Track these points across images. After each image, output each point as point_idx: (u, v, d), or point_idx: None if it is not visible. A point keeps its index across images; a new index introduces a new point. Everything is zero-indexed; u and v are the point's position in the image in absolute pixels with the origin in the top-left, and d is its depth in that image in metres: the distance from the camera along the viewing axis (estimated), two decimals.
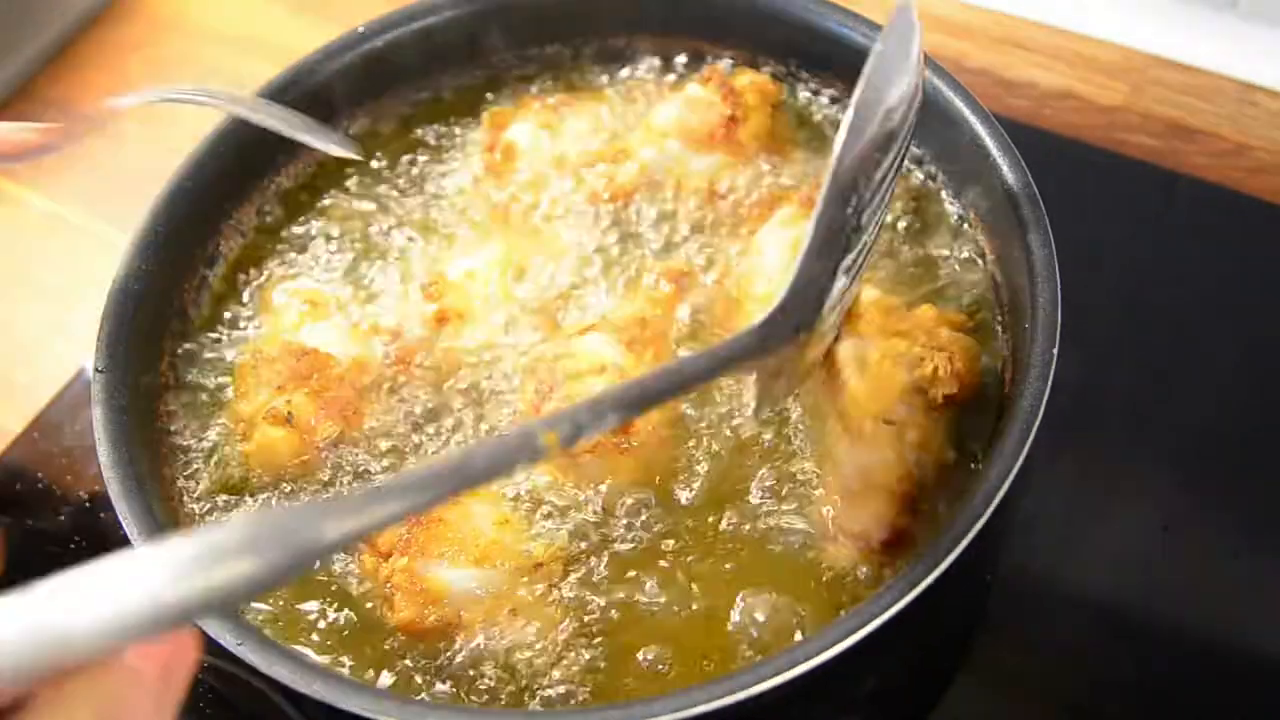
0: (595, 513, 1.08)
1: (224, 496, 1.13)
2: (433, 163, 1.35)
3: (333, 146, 1.21)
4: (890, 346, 1.08)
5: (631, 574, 1.05)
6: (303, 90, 1.29)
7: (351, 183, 1.34)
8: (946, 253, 1.21)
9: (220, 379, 1.21)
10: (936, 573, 0.91)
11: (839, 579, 1.02)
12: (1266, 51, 1.45)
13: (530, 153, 1.28)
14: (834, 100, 1.31)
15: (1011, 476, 0.95)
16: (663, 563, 1.05)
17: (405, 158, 1.35)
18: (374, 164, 1.35)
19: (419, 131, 1.37)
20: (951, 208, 1.23)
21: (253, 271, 1.28)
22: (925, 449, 1.06)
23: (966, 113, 1.15)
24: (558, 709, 1.00)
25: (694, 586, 1.04)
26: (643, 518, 1.07)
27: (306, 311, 1.20)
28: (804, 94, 1.33)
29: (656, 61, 1.37)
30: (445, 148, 1.35)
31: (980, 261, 1.19)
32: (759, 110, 1.26)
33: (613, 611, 1.04)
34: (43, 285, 1.50)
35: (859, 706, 1.09)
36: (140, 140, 1.59)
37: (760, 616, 1.01)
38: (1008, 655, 1.11)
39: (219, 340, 1.24)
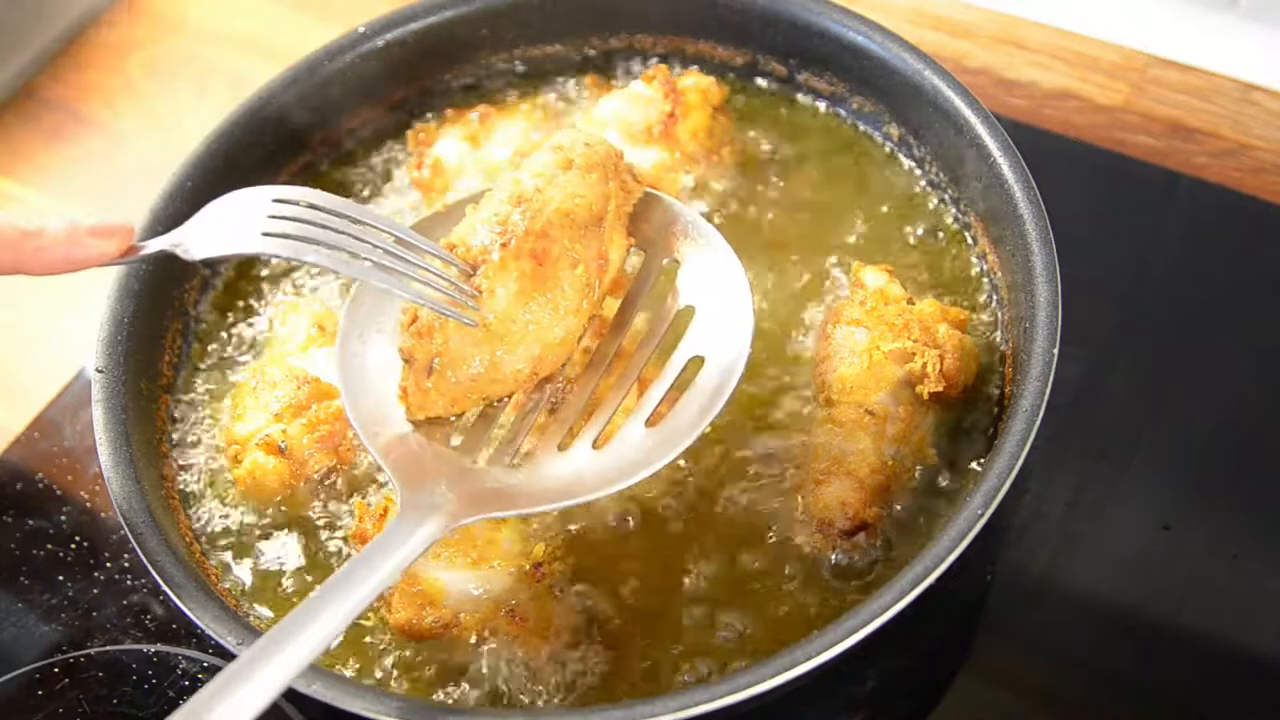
0: (595, 511, 1.08)
1: (220, 503, 1.14)
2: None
3: None
4: (883, 337, 1.08)
5: (632, 571, 1.06)
6: (303, 90, 1.29)
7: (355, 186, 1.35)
8: (947, 252, 1.21)
9: (220, 379, 1.22)
10: (937, 573, 0.91)
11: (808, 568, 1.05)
12: (1266, 51, 1.45)
13: (458, 166, 1.29)
14: (832, 100, 1.31)
15: (1012, 476, 0.95)
16: (661, 557, 1.06)
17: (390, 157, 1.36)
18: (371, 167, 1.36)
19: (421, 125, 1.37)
20: (952, 208, 1.23)
21: (255, 272, 1.28)
22: (905, 443, 1.07)
23: (967, 113, 1.16)
24: (558, 708, 1.00)
25: (698, 582, 1.05)
26: (641, 514, 1.08)
27: (314, 336, 1.19)
28: (802, 95, 1.33)
29: (659, 62, 1.37)
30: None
31: (980, 261, 1.19)
32: (699, 110, 1.28)
33: (613, 610, 1.04)
34: (43, 285, 1.49)
35: (859, 706, 1.09)
36: (140, 140, 1.59)
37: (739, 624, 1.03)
38: (1008, 655, 1.11)
39: (220, 341, 1.24)
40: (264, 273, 1.28)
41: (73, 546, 1.23)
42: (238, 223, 0.98)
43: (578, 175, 1.05)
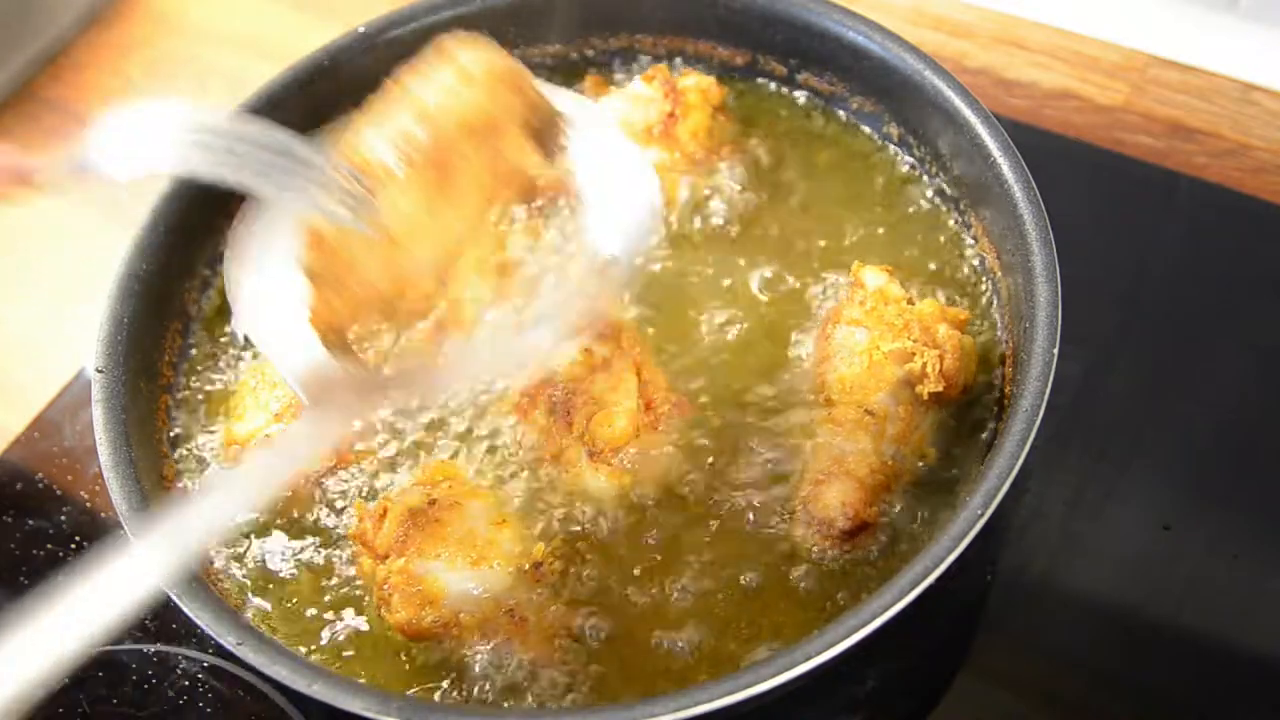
0: (596, 510, 1.08)
1: None
2: None
3: None
4: (883, 337, 1.09)
5: (633, 570, 1.06)
6: (302, 90, 1.29)
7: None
8: (947, 252, 1.21)
9: (221, 379, 1.22)
10: (937, 573, 0.91)
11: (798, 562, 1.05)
12: (1266, 51, 1.45)
13: None
14: (832, 100, 1.31)
15: (1012, 476, 0.95)
16: (661, 557, 1.06)
17: None
18: None
19: None
20: (952, 207, 1.23)
21: None
22: (904, 443, 1.07)
23: (967, 113, 1.16)
24: (558, 708, 1.00)
25: (698, 582, 1.05)
26: (641, 513, 1.08)
27: None
28: (802, 94, 1.33)
29: (659, 62, 1.37)
30: None
31: (980, 261, 1.19)
32: (699, 110, 1.28)
33: (614, 610, 1.04)
34: (42, 285, 1.50)
35: (859, 706, 1.09)
36: None
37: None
38: (1008, 655, 1.11)
39: (220, 341, 1.24)
40: None
41: (73, 546, 1.23)
42: (155, 138, 0.95)
43: (480, 88, 1.07)
